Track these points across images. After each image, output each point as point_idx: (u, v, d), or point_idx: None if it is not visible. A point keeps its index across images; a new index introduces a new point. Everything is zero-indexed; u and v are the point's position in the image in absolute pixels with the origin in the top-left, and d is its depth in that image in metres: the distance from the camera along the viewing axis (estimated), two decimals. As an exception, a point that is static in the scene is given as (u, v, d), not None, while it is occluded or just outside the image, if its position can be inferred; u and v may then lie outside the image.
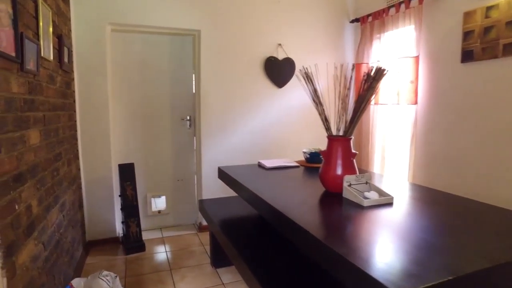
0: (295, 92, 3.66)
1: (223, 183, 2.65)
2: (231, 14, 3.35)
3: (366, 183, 1.84)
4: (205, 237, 3.32)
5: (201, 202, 2.87)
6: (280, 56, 3.56)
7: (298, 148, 3.51)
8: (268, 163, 2.69)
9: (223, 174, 2.60)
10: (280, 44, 3.54)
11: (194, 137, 3.55)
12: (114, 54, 3.17)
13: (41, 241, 1.78)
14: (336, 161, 1.85)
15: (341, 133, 1.93)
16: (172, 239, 3.30)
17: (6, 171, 1.36)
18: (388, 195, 1.71)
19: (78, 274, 2.60)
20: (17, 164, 1.48)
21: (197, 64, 3.37)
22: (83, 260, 2.83)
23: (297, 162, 2.78)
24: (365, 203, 1.63)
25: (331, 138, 1.90)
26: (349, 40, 3.86)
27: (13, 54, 1.47)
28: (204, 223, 3.45)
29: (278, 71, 3.56)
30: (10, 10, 1.46)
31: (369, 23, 3.44)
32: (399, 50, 3.13)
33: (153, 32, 3.24)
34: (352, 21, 3.74)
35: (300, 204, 1.73)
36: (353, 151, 1.88)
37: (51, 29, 2.11)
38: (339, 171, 1.83)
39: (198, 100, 3.39)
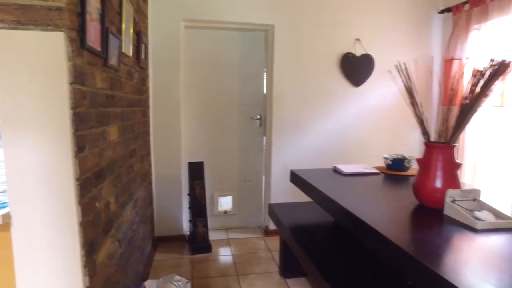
0: (374, 91, 3.35)
1: (292, 186, 2.49)
2: (307, 8, 3.15)
3: (474, 200, 1.54)
4: (272, 242, 3.18)
5: (271, 206, 2.73)
6: (358, 52, 3.28)
7: (375, 153, 3.22)
8: (345, 169, 2.46)
9: (296, 178, 2.43)
10: (358, 39, 3.26)
11: (264, 137, 3.43)
12: (186, 51, 3.16)
13: (117, 238, 1.76)
14: (435, 171, 1.58)
15: (442, 139, 1.65)
16: (237, 242, 3.21)
17: (89, 167, 1.32)
18: (509, 217, 1.40)
19: (147, 270, 2.61)
20: (98, 161, 1.45)
21: (269, 61, 3.23)
22: (152, 256, 2.85)
23: (376, 168, 2.51)
24: (479, 225, 1.34)
25: (430, 144, 1.62)
26: (436, 33, 3.44)
27: (99, 49, 1.44)
28: (271, 227, 3.31)
29: (356, 68, 3.28)
30: (99, 6, 1.43)
31: (465, 11, 3.01)
32: (507, 42, 2.67)
33: (225, 28, 3.17)
34: (442, 11, 3.32)
35: (390, 216, 1.52)
36: (457, 161, 1.60)
37: (132, 25, 2.11)
38: (439, 183, 1.57)
39: (269, 98, 3.26)
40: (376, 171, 2.44)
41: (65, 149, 1.16)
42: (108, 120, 1.63)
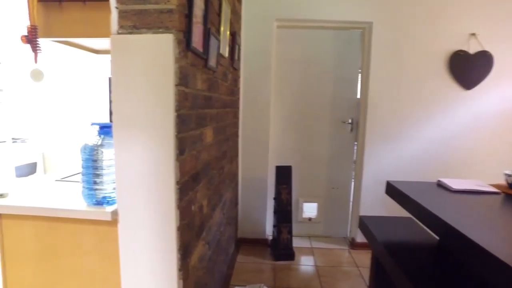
0: (490, 95, 2.87)
1: (384, 198, 2.25)
2: (410, 1, 2.83)
3: None
4: (359, 256, 2.94)
5: (362, 218, 2.50)
6: (472, 49, 2.84)
7: (490, 168, 2.76)
8: (454, 184, 2.12)
9: (393, 190, 2.18)
10: (473, 34, 2.82)
11: (355, 143, 3.19)
12: (277, 51, 3.10)
13: (207, 241, 1.75)
14: None
15: None
16: (321, 252, 3.04)
17: (187, 170, 1.31)
18: None
19: (230, 271, 2.60)
20: (195, 163, 1.44)
21: (365, 62, 2.99)
22: (234, 257, 2.85)
23: (493, 186, 2.11)
24: None
25: None
26: None
27: (201, 50, 1.43)
28: (358, 239, 3.07)
29: (468, 68, 2.85)
30: (203, 6, 1.42)
31: None
32: None
33: (318, 27, 3.02)
34: None
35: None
36: None
37: (228, 26, 2.10)
38: None
39: (363, 101, 3.02)
40: (494, 189, 2.06)
41: (168, 151, 1.15)
42: (205, 122, 1.62)
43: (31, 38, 1.32)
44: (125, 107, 1.14)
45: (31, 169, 4.01)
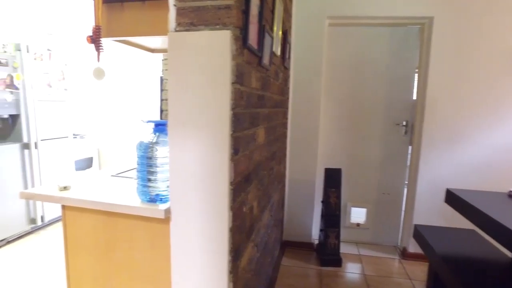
0: None
1: (442, 208, 2.07)
2: (478, -6, 2.60)
3: None
4: (412, 267, 2.76)
5: (418, 228, 2.34)
6: (551, 45, 2.54)
7: None
8: (529, 196, 1.91)
9: (454, 199, 2.00)
10: (553, 29, 2.53)
11: (410, 147, 3.00)
12: (328, 50, 2.99)
13: (256, 243, 1.72)
14: None
15: None
16: (370, 260, 2.90)
17: (240, 171, 1.28)
18: None
19: (275, 274, 2.56)
20: (248, 164, 1.41)
21: (423, 60, 2.79)
22: (279, 260, 2.80)
23: None
24: None
25: None
26: None
27: (256, 47, 1.39)
28: (411, 249, 2.88)
29: (546, 66, 2.55)
30: (258, 2, 1.38)
31: None
32: None
33: (372, 24, 2.88)
34: None
35: None
36: None
37: (281, 24, 2.05)
38: None
39: (420, 102, 2.82)
40: None
41: (223, 151, 1.12)
42: (258, 121, 1.59)
43: (95, 38, 1.37)
44: (180, 104, 1.13)
45: (88, 163, 4.26)
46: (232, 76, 1.11)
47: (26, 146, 3.16)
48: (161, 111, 3.20)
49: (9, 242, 3.09)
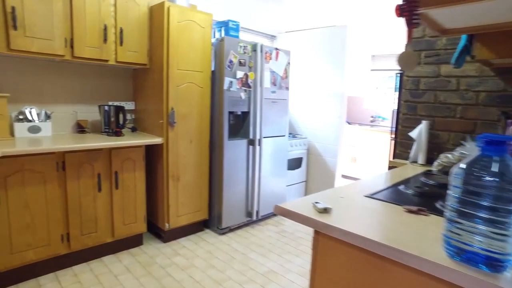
0: None
1: None
2: None
3: None
4: None
5: None
6: None
7: None
8: None
9: None
10: None
11: None
12: None
13: None
14: None
15: None
16: None
17: None
18: None
19: None
20: None
21: None
22: None
23: None
24: None
25: None
26: None
27: None
28: None
29: None
30: None
31: None
32: None
33: None
34: None
35: None
36: None
37: None
38: None
39: None
40: None
41: None
42: None
43: (408, 8, 0.94)
44: None
45: (297, 163, 4.20)
46: None
47: (251, 142, 3.27)
48: (398, 113, 2.67)
49: (231, 230, 3.29)
